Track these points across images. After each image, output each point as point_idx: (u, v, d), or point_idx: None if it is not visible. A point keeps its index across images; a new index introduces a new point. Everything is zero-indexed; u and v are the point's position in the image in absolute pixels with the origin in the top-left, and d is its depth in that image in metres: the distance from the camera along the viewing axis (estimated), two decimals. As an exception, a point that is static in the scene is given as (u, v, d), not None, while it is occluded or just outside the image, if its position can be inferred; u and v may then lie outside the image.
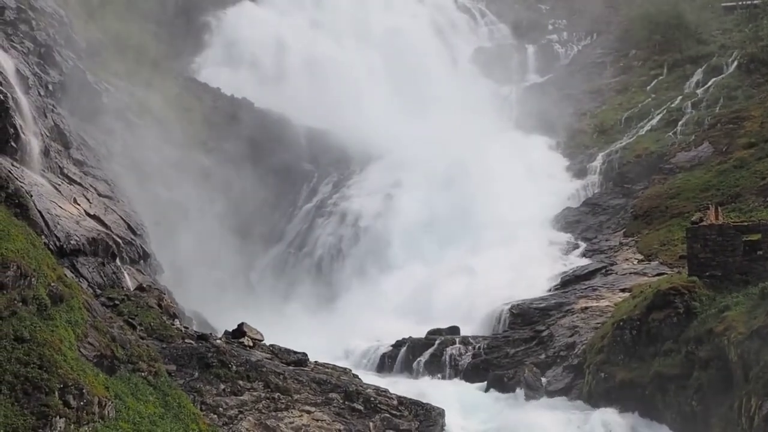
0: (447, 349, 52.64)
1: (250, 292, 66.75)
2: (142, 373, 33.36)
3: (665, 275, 51.60)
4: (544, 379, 48.23)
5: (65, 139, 53.08)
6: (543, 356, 50.25)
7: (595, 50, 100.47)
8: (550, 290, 58.33)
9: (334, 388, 40.03)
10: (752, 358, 36.89)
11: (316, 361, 43.68)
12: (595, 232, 67.01)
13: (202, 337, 40.81)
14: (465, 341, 53.29)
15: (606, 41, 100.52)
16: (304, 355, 43.27)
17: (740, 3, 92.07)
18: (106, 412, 28.90)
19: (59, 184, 48.55)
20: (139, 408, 31.07)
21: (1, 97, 46.02)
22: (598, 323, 50.07)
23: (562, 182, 75.70)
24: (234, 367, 38.02)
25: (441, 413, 41.85)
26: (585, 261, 61.87)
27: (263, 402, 37.44)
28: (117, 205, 52.74)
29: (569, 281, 58.67)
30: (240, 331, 43.72)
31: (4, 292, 28.56)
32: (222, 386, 37.04)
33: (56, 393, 26.91)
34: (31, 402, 26.24)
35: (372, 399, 40.23)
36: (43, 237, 39.91)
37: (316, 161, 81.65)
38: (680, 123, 75.18)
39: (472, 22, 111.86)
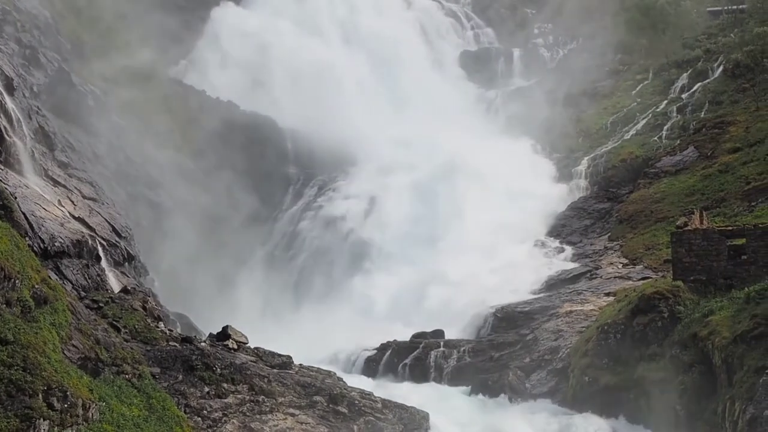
0: (431, 352, 52.54)
1: (235, 294, 66.53)
2: (127, 376, 33.28)
3: (650, 279, 51.75)
4: (528, 383, 48.30)
5: (50, 141, 52.97)
6: (527, 360, 50.31)
7: (581, 54, 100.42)
8: (534, 294, 58.41)
9: (319, 391, 39.99)
10: (736, 363, 37.00)
11: (300, 364, 43.63)
12: (580, 236, 67.10)
13: (186, 340, 40.73)
14: (449, 345, 53.20)
15: (592, 45, 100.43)
16: (289, 358, 43.24)
17: (726, 8, 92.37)
18: (90, 414, 28.78)
19: (44, 186, 48.42)
20: (123, 410, 30.98)
21: (-14, 99, 46.03)
22: (582, 327, 50.12)
23: (547, 186, 75.66)
24: (218, 369, 37.94)
25: (425, 416, 41.86)
26: (570, 265, 61.93)
27: (247, 405, 37.36)
28: (102, 208, 52.61)
29: (554, 285, 58.76)
30: (224, 334, 43.62)
31: (-12, 293, 28.47)
32: (206, 389, 36.96)
33: (40, 395, 26.77)
34: (14, 404, 26.11)
35: (356, 402, 40.21)
36: (27, 239, 39.78)
37: (302, 164, 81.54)
38: (665, 127, 75.37)
39: (458, 26, 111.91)
